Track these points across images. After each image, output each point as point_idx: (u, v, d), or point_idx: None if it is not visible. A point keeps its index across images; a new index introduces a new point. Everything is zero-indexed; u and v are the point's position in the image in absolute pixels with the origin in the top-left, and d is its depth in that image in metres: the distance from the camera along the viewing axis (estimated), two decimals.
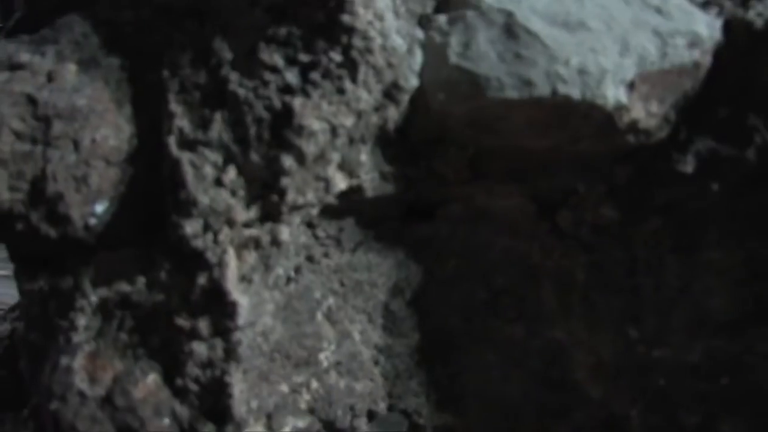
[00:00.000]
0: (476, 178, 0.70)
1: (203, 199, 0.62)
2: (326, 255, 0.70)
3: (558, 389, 0.76)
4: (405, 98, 0.64)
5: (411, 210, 0.74)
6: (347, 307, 0.71)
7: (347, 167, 0.64)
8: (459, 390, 0.77)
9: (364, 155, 0.65)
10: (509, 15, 0.64)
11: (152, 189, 0.68)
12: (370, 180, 0.66)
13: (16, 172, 0.66)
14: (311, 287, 0.69)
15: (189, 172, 0.63)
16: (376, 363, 0.74)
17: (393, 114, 0.64)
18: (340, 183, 0.64)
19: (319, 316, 0.69)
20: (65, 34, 0.70)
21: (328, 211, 0.68)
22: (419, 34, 0.65)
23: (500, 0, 0.65)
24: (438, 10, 0.67)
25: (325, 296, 0.70)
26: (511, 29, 0.63)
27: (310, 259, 0.69)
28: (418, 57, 0.65)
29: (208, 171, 0.63)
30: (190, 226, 0.62)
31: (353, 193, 0.66)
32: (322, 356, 0.69)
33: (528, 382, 0.76)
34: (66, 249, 0.69)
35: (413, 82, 0.64)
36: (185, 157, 0.64)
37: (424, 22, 0.66)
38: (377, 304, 0.74)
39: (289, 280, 0.68)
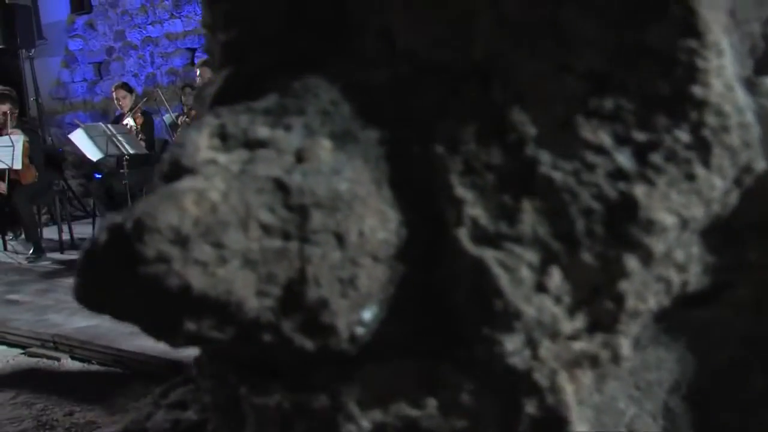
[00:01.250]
0: None
1: (527, 310, 0.51)
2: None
3: None
4: (749, 181, 0.54)
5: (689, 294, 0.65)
6: (643, 414, 0.61)
7: (682, 263, 0.54)
8: None
9: (695, 248, 0.55)
10: None
11: (426, 289, 0.57)
12: (694, 274, 0.56)
13: (266, 275, 0.54)
14: (615, 396, 0.59)
15: (501, 276, 0.52)
16: None
17: (733, 200, 0.55)
18: (676, 281, 0.54)
19: (623, 429, 0.59)
20: (311, 103, 0.58)
21: None
22: (750, 101, 0.56)
23: None
24: (759, 71, 0.58)
25: (627, 405, 0.59)
26: None
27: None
28: (755, 129, 0.55)
29: (526, 274, 0.52)
30: (511, 342, 0.51)
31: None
32: None
33: None
34: (313, 361, 0.58)
35: (762, 163, 0.54)
36: (490, 256, 0.53)
37: (749, 86, 0.57)
38: (659, 403, 0.64)
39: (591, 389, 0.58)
